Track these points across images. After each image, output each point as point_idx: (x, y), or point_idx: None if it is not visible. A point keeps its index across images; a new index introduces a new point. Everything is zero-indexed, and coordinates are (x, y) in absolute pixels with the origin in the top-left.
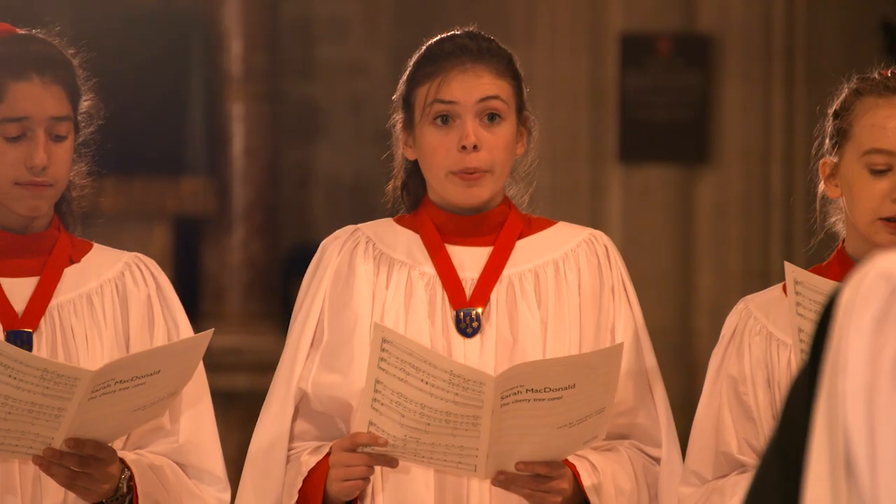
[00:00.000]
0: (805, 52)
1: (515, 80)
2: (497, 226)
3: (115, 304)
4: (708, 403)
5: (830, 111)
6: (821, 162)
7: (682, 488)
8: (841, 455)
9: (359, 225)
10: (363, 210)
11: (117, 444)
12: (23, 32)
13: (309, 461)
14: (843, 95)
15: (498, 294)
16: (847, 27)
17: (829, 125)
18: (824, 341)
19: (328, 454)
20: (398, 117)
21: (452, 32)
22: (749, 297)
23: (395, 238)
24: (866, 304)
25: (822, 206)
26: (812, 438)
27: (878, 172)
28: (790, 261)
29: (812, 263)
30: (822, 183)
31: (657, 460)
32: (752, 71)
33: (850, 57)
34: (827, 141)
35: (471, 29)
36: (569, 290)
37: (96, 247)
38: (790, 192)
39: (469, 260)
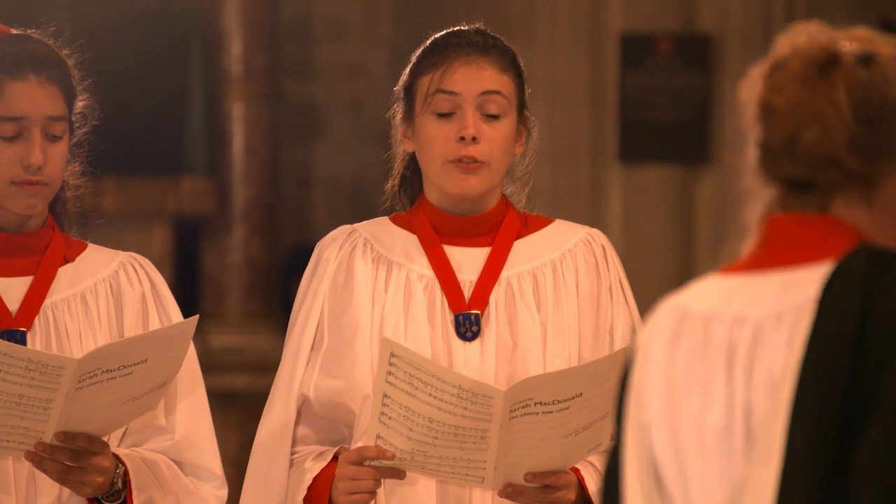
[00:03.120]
0: None
1: (518, 77)
2: (494, 226)
3: (110, 303)
4: None
5: None
6: None
7: None
8: (651, 479)
9: (355, 225)
10: (363, 210)
11: (112, 443)
12: (17, 32)
13: (313, 468)
14: None
15: (497, 296)
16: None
17: None
18: (626, 390)
19: (332, 461)
20: (398, 108)
21: (459, 28)
22: None
23: (392, 239)
24: (658, 338)
25: None
26: (624, 472)
27: None
28: None
29: None
30: None
31: None
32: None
33: None
34: None
35: (477, 26)
36: (567, 291)
37: (91, 246)
38: None
39: (467, 261)
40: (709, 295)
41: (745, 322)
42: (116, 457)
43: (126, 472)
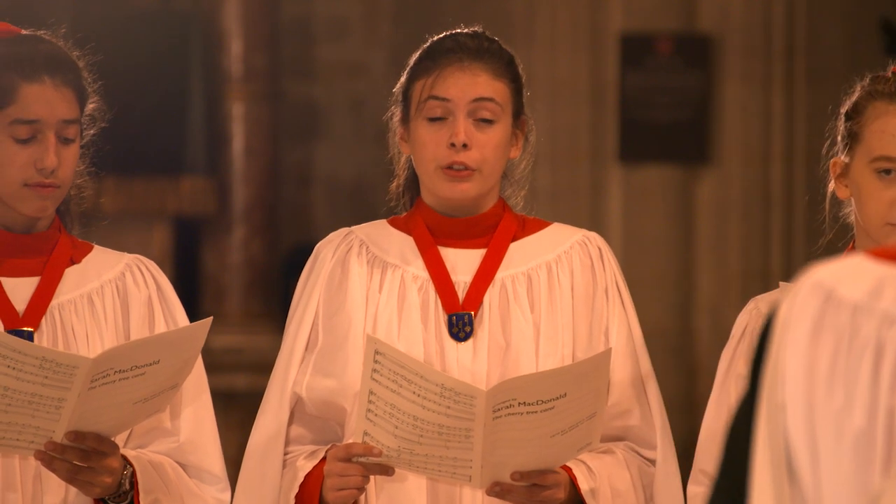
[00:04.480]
0: (805, 52)
1: (514, 82)
2: (490, 228)
3: (116, 305)
4: (717, 403)
5: (843, 111)
6: (832, 161)
7: (692, 487)
8: (783, 465)
9: (352, 227)
10: (363, 210)
11: (118, 443)
12: (28, 33)
13: (305, 466)
14: (856, 96)
15: (490, 297)
16: (847, 27)
17: (841, 125)
18: (763, 362)
19: (323, 459)
20: (396, 110)
21: (456, 31)
22: (759, 296)
23: (388, 240)
24: (802, 316)
25: (831, 204)
26: (755, 451)
27: (886, 179)
28: (791, 261)
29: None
30: (832, 182)
31: (652, 462)
32: (752, 71)
33: (850, 57)
34: (839, 140)
35: (476, 29)
36: (561, 292)
37: (97, 248)
38: (790, 192)
39: (462, 263)
40: (857, 280)
41: (895, 323)
42: (124, 458)
43: (134, 474)
